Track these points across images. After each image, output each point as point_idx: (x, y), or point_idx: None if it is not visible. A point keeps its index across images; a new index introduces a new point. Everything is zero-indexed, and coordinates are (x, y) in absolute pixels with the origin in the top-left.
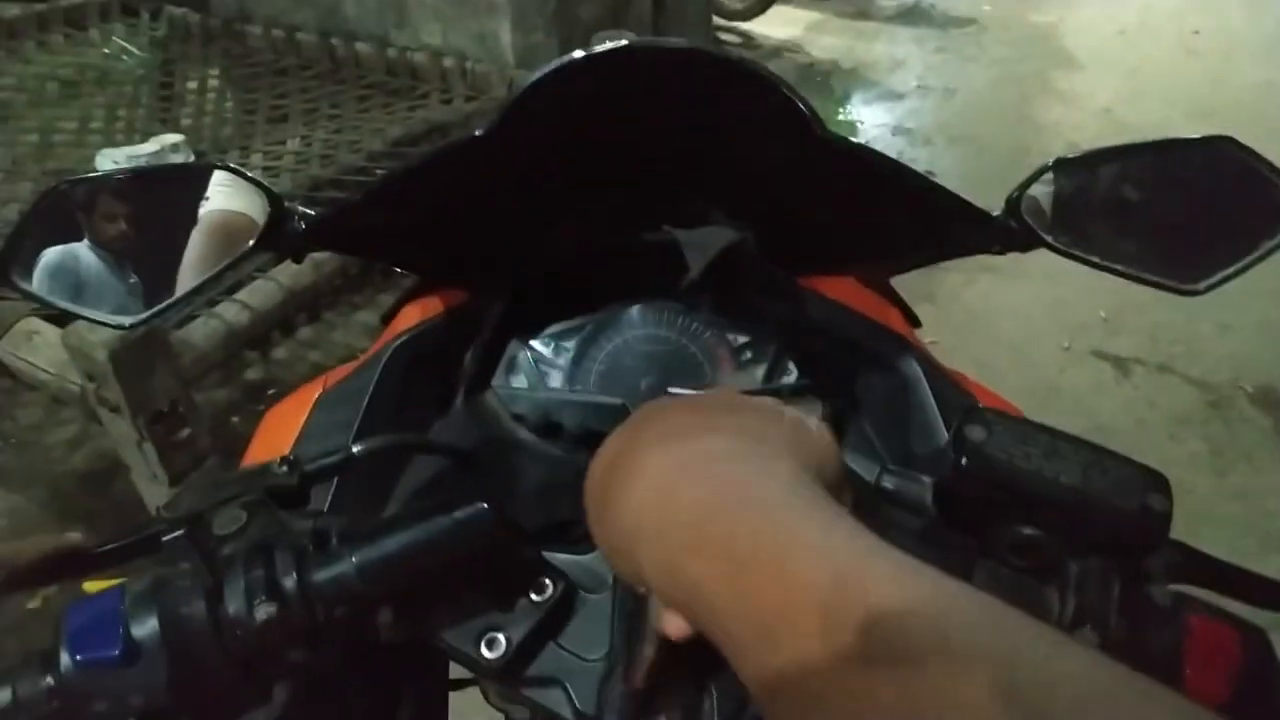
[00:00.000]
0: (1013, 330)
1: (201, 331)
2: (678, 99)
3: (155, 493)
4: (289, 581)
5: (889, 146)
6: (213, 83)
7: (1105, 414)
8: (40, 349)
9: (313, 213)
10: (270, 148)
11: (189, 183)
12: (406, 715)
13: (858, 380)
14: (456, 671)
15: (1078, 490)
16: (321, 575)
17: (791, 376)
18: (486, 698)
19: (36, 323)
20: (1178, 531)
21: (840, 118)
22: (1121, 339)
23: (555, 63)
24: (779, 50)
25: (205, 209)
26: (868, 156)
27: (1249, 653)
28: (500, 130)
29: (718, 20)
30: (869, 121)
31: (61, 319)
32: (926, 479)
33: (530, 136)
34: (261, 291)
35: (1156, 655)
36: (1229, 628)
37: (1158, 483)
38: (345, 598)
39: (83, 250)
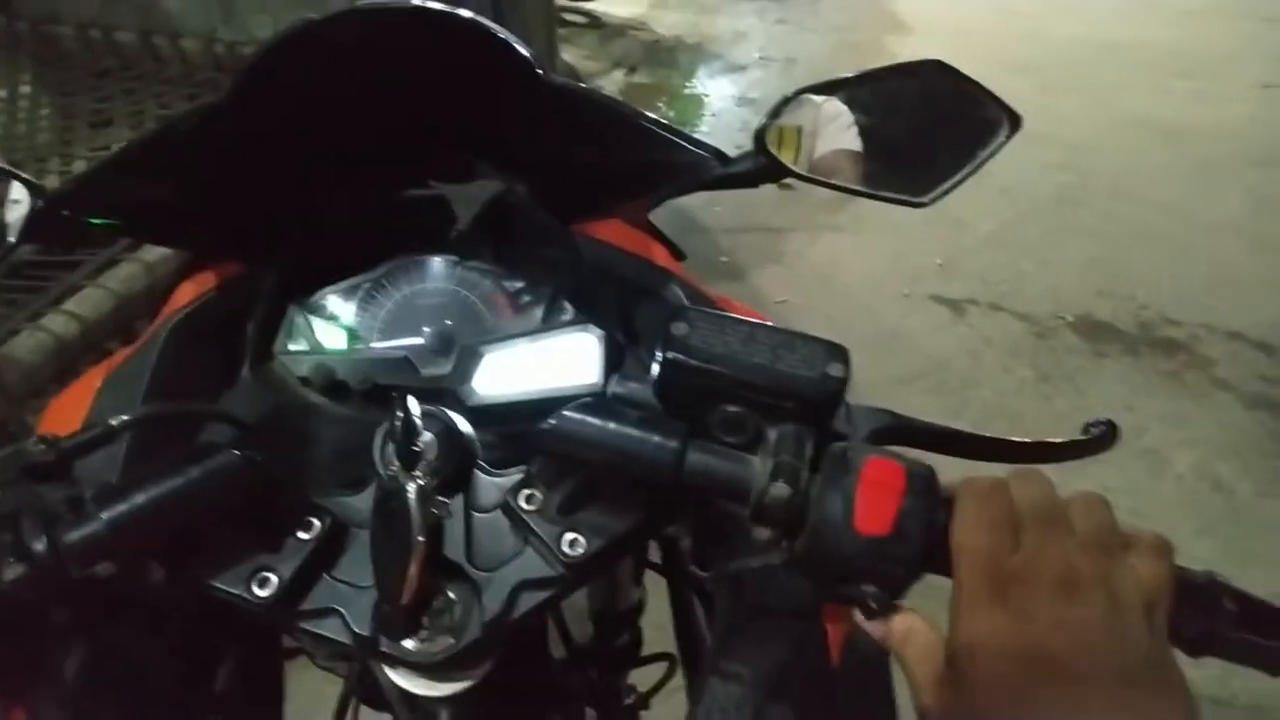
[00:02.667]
0: (856, 282)
1: (26, 346)
2: (414, 57)
3: None
4: (38, 544)
5: (735, 118)
6: (24, 89)
7: (943, 352)
8: None
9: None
10: (94, 153)
11: None
12: (227, 681)
13: (631, 313)
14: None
15: (767, 367)
16: (73, 535)
17: (568, 315)
18: (312, 659)
19: None
20: None
21: (687, 91)
22: (956, 283)
23: (282, 31)
24: (624, 28)
25: None
26: (590, 97)
27: (911, 486)
28: (241, 98)
29: (561, 1)
30: (715, 94)
31: None
32: (650, 378)
33: (278, 103)
34: (90, 300)
35: (836, 496)
36: (897, 465)
37: (837, 353)
38: (98, 554)
39: None
